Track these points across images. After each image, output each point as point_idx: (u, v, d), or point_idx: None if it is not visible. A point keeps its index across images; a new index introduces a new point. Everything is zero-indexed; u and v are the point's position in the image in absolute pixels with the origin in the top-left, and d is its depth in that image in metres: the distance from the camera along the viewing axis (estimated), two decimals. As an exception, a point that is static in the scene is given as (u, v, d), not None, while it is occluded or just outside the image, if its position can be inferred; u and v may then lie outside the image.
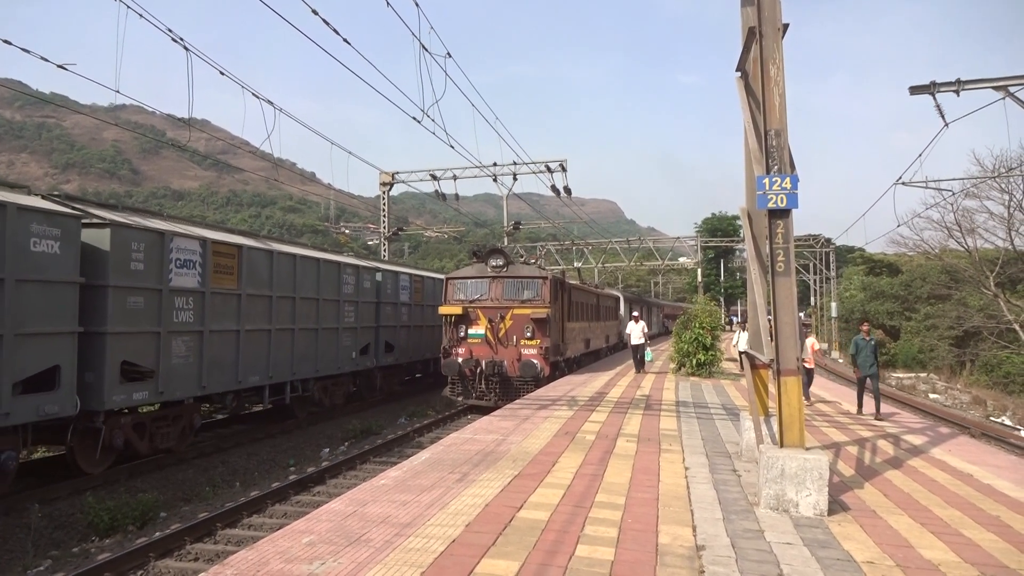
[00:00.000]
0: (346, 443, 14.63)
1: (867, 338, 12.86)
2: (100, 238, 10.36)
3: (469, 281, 17.74)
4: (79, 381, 9.86)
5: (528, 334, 16.89)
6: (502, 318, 17.09)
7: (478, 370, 16.85)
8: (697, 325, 19.91)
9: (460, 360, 17.03)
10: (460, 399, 17.47)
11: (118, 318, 10.44)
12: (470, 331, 17.28)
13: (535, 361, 16.57)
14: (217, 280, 12.63)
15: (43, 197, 10.13)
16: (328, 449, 13.94)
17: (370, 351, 18.76)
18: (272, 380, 14.26)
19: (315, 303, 15.93)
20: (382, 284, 19.68)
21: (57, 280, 9.48)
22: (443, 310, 17.50)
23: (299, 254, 15.42)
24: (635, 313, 19.22)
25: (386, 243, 31.91)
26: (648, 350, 20.26)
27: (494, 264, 17.60)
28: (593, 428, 10.63)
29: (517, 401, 14.16)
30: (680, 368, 20.56)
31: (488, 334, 17.13)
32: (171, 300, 11.52)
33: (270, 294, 14.18)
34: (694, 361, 19.83)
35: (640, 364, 19.80)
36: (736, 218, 66.10)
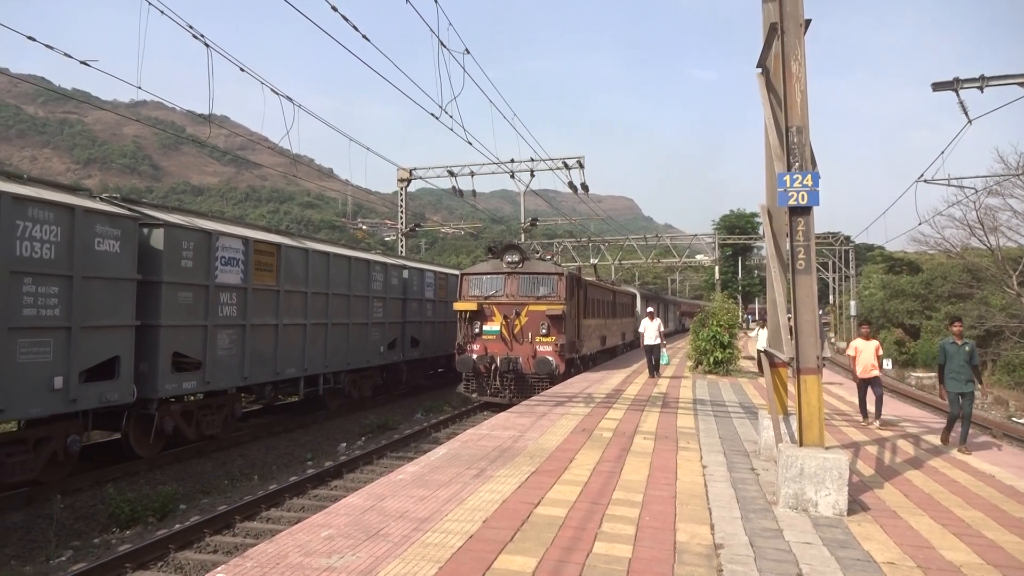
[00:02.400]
0: (363, 438, 14.74)
1: (959, 342, 9.37)
2: (155, 237, 11.08)
3: (484, 277, 17.73)
4: (135, 371, 10.55)
5: (543, 331, 16.86)
6: (517, 314, 17.07)
7: (493, 367, 16.85)
8: (715, 323, 19.81)
9: (475, 357, 17.05)
10: (475, 396, 17.48)
11: (170, 312, 11.14)
12: (485, 327, 17.28)
13: (550, 358, 16.52)
14: (258, 277, 13.28)
15: (101, 199, 10.77)
16: (345, 444, 14.06)
17: (397, 346, 19.28)
18: (307, 372, 14.85)
19: (346, 299, 16.49)
20: (408, 281, 20.09)
21: (117, 277, 10.18)
22: (458, 306, 17.52)
23: (332, 252, 16.06)
24: (650, 309, 18.30)
25: (403, 239, 31.98)
26: (664, 351, 19.01)
27: (509, 260, 17.57)
28: (610, 425, 10.61)
29: (533, 398, 14.17)
30: (697, 366, 20.47)
31: (503, 330, 17.12)
32: (217, 295, 12.15)
33: (305, 290, 14.78)
34: (711, 359, 19.73)
35: (655, 368, 18.25)
36: (754, 215, 65.52)
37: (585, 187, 29.31)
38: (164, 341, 10.97)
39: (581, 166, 28.93)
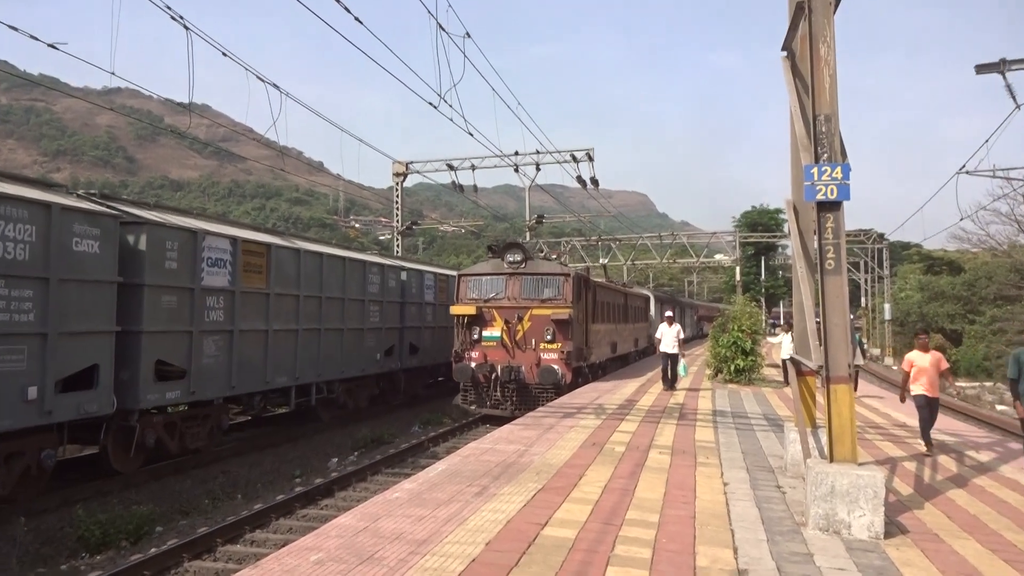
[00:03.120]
0: (355, 453, 14.79)
1: None
2: (137, 237, 11.09)
3: (484, 278, 17.75)
4: (115, 380, 10.57)
5: (548, 337, 16.84)
6: (520, 319, 17.05)
7: (493, 376, 16.85)
8: (736, 328, 19.82)
9: (473, 365, 17.06)
10: (473, 408, 17.50)
11: (153, 317, 11.20)
12: (484, 333, 17.29)
13: (556, 367, 16.52)
14: (247, 279, 13.38)
15: (79, 196, 10.84)
16: (336, 459, 14.09)
17: (394, 353, 19.41)
18: (298, 381, 15.01)
19: (340, 303, 16.62)
20: (407, 283, 20.22)
21: (97, 279, 10.21)
22: (455, 310, 17.55)
23: (326, 252, 16.18)
24: (668, 314, 18.04)
25: (399, 238, 32.13)
26: (683, 362, 18.32)
27: (511, 260, 17.57)
28: (623, 439, 10.63)
29: (540, 409, 14.19)
30: (717, 375, 20.47)
31: (504, 336, 17.12)
32: (203, 299, 12.23)
33: (297, 293, 14.92)
34: (732, 367, 19.75)
35: (671, 380, 17.55)
36: (779, 211, 65.34)
37: (595, 181, 29.37)
38: (146, 348, 11.03)
39: (591, 159, 28.97)
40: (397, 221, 32.18)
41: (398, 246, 32.09)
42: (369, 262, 18.17)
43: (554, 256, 21.43)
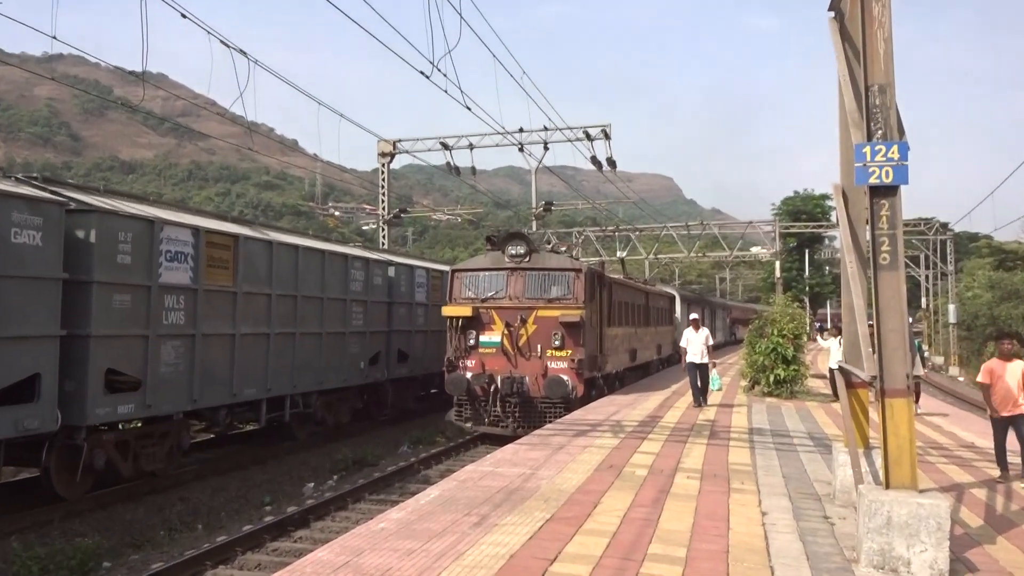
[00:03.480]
0: (335, 476, 14.81)
1: None
2: (85, 228, 11.06)
3: (481, 274, 17.79)
4: (59, 392, 10.53)
5: (556, 342, 16.88)
6: (523, 322, 17.07)
7: (492, 389, 16.85)
8: (775, 332, 19.75)
9: (469, 376, 17.07)
10: (468, 426, 17.53)
11: (103, 319, 11.16)
12: (482, 338, 17.30)
13: (565, 377, 16.52)
14: (211, 276, 13.41)
15: (18, 180, 10.82)
16: (312, 484, 14.10)
17: (381, 361, 19.54)
18: (270, 393, 15.10)
19: (319, 303, 16.78)
20: (395, 281, 20.38)
21: (38, 276, 10.18)
22: (447, 311, 17.59)
23: (302, 245, 16.31)
24: (694, 316, 18.00)
25: (385, 228, 32.17)
26: (715, 373, 18.03)
27: (513, 252, 17.56)
28: (644, 461, 10.64)
29: (547, 427, 14.20)
30: (753, 386, 20.46)
31: (505, 342, 17.11)
32: (160, 299, 12.27)
33: (269, 292, 15.04)
34: (771, 377, 19.72)
35: (700, 394, 17.13)
36: (825, 197, 65.24)
37: (612, 163, 29.43)
38: (95, 355, 11.00)
39: (607, 137, 29.02)
40: (383, 208, 32.18)
41: (384, 237, 32.10)
42: (351, 256, 18.24)
43: (564, 248, 21.42)
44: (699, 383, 17.12)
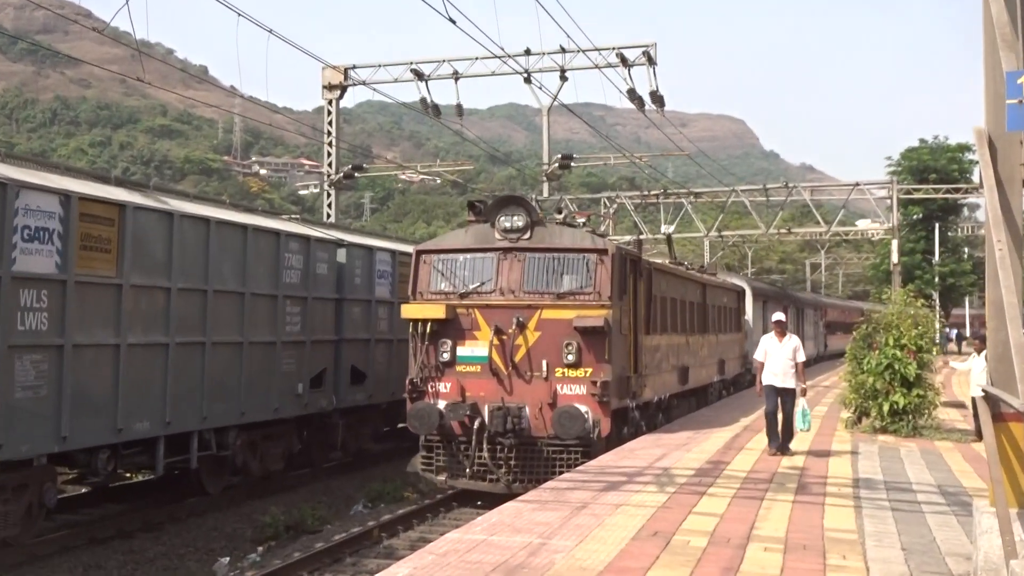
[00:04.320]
0: (259, 548, 14.79)
1: None
2: None
3: (460, 257, 17.42)
4: None
5: (570, 357, 16.36)
6: (521, 327, 16.56)
7: (476, 425, 16.28)
8: (891, 341, 19.64)
9: (442, 406, 16.53)
10: (441, 479, 17.02)
11: None
12: (461, 351, 16.80)
13: (583, 408, 16.04)
14: (86, 262, 13.27)
15: None
16: (227, 560, 14.06)
17: (327, 382, 19.41)
18: (170, 429, 14.98)
19: (239, 300, 16.76)
20: (347, 268, 20.31)
21: None
22: (410, 312, 17.09)
23: (215, 218, 16.20)
24: (778, 318, 17.08)
25: (332, 192, 32.14)
26: (804, 405, 16.83)
27: (508, 226, 17.08)
28: (703, 525, 10.54)
29: (564, 478, 14.03)
30: (860, 419, 20.36)
31: (495, 357, 16.59)
32: (15, 294, 12.16)
33: (168, 285, 15.02)
34: (886, 407, 19.54)
35: (783, 434, 16.51)
36: (966, 149, 64.76)
37: (658, 99, 29.22)
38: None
39: (651, 62, 28.82)
40: (330, 164, 32.13)
41: (331, 205, 32.03)
42: (286, 234, 18.13)
43: (582, 220, 21.17)
44: (781, 416, 16.39)
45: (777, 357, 16.32)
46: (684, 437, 18.58)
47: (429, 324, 16.85)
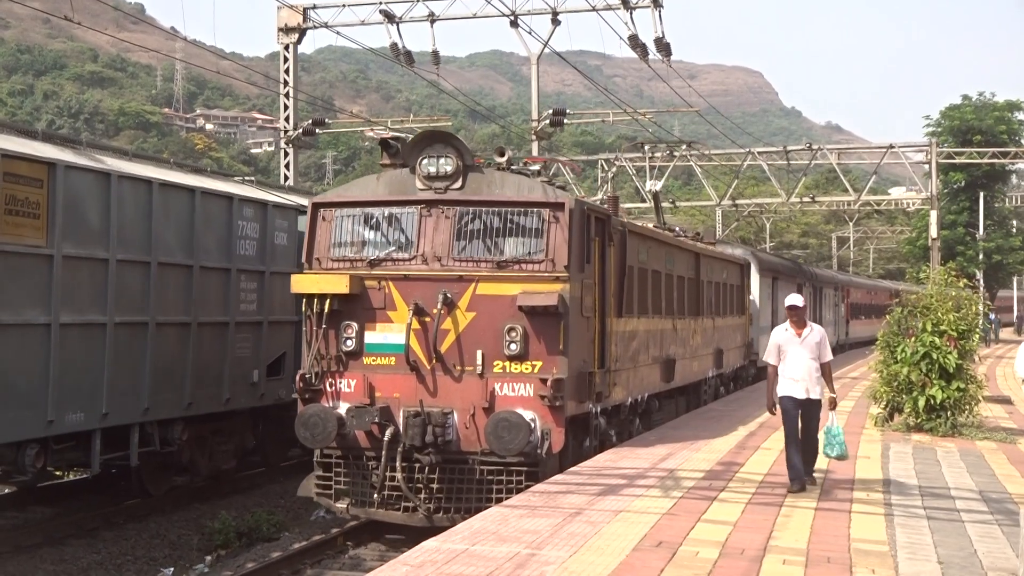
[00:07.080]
0: (208, 558, 14.83)
1: None
2: None
3: (370, 213, 15.55)
4: None
5: (513, 347, 14.54)
6: (450, 305, 14.72)
7: (388, 435, 14.45)
8: (928, 326, 19.30)
9: (344, 410, 14.71)
10: (340, 507, 15.11)
11: None
12: (369, 337, 15.03)
13: (528, 414, 14.17)
14: (10, 229, 13.25)
15: None
16: (171, 570, 14.12)
17: (285, 369, 19.16)
18: (108, 421, 14.95)
19: (187, 274, 16.68)
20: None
21: None
22: (301, 284, 15.09)
23: (158, 180, 16.11)
24: (793, 302, 14.06)
25: (290, 150, 32.25)
26: (836, 420, 14.02)
27: (433, 171, 14.93)
28: (714, 534, 10.46)
29: (557, 478, 13.56)
30: (891, 415, 20.27)
31: (415, 345, 14.82)
32: None
33: (105, 256, 14.96)
34: (922, 401, 19.24)
35: (805, 458, 13.40)
36: (1016, 108, 64.44)
37: (664, 46, 28.96)
38: None
39: (657, 4, 28.43)
40: (286, 119, 32.24)
41: (288, 166, 32.20)
42: (240, 198, 18.10)
43: (535, 167, 18.17)
44: (802, 434, 13.57)
45: (796, 357, 13.60)
46: (691, 434, 18.54)
47: (328, 301, 14.82)
